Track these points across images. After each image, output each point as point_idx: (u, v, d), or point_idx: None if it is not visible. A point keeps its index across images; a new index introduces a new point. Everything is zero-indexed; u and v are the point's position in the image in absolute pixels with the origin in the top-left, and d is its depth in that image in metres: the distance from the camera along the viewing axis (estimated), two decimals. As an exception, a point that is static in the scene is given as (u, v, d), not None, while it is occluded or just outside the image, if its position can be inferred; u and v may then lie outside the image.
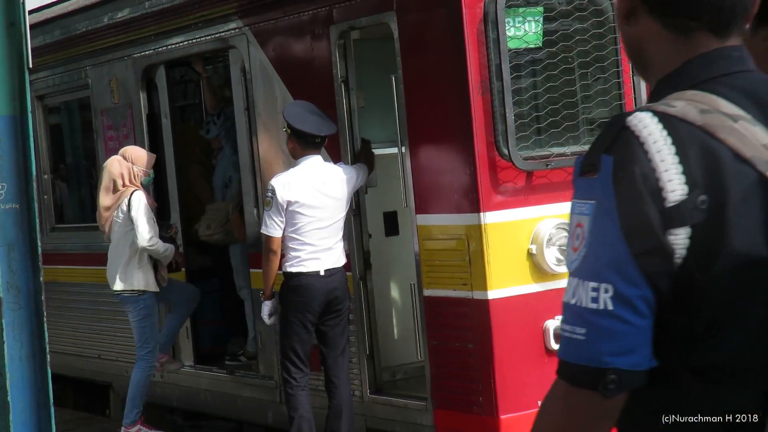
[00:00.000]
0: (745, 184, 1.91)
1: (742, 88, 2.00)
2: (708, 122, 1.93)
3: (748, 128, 1.94)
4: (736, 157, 1.91)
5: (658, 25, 2.06)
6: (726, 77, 2.01)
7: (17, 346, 5.11)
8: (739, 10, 2.04)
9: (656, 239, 1.88)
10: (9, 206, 5.11)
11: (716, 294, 1.91)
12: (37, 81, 10.53)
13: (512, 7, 6.55)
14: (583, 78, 6.86)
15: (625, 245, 1.88)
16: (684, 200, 1.89)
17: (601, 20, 6.79)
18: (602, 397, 1.90)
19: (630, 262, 1.88)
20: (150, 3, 9.12)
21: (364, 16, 7.20)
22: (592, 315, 1.89)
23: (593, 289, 1.90)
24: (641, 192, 1.89)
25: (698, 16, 2.02)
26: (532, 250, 6.53)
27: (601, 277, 1.90)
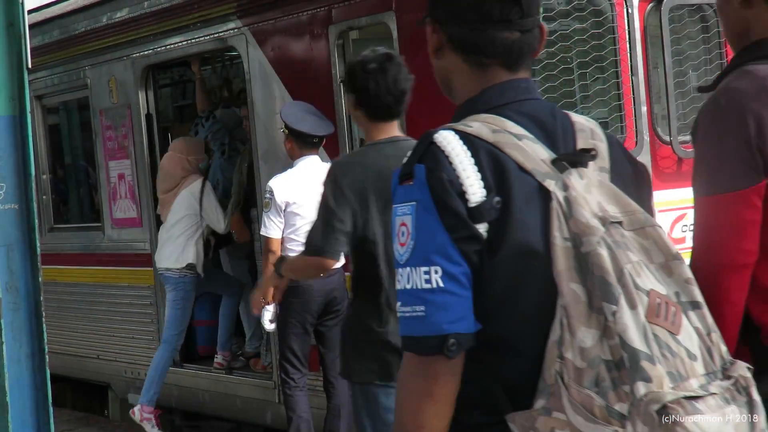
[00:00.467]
0: (526, 190, 2.32)
1: (527, 113, 2.43)
2: (498, 140, 2.35)
3: (530, 145, 2.36)
4: (520, 169, 2.33)
5: (460, 60, 2.51)
6: (514, 104, 2.44)
7: (16, 347, 5.11)
8: (526, 50, 2.48)
9: (469, 227, 2.28)
10: (8, 206, 5.11)
11: (500, 277, 2.30)
12: (36, 81, 10.53)
13: (511, 7, 6.55)
14: (582, 78, 6.86)
15: (446, 234, 2.27)
16: (483, 201, 2.29)
17: (600, 20, 6.79)
18: (447, 358, 2.27)
19: (452, 246, 2.27)
20: (149, 3, 9.12)
21: (363, 16, 7.20)
22: (427, 293, 2.27)
23: (425, 272, 2.28)
24: (450, 192, 2.29)
25: (492, 55, 2.47)
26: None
27: (430, 261, 2.27)
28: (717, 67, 7.25)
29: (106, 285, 9.98)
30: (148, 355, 9.10)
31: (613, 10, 6.81)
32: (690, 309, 2.31)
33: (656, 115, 7.09)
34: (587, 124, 2.53)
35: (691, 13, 7.23)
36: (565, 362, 2.22)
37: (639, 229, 2.32)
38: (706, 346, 2.30)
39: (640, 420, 2.14)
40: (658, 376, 2.17)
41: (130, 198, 9.44)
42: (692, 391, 2.19)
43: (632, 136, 6.88)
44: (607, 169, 2.44)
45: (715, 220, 2.73)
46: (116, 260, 9.81)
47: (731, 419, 2.20)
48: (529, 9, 2.47)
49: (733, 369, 2.30)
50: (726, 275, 2.70)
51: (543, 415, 2.24)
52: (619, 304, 2.20)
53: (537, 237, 2.30)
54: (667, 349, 2.22)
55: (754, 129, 2.67)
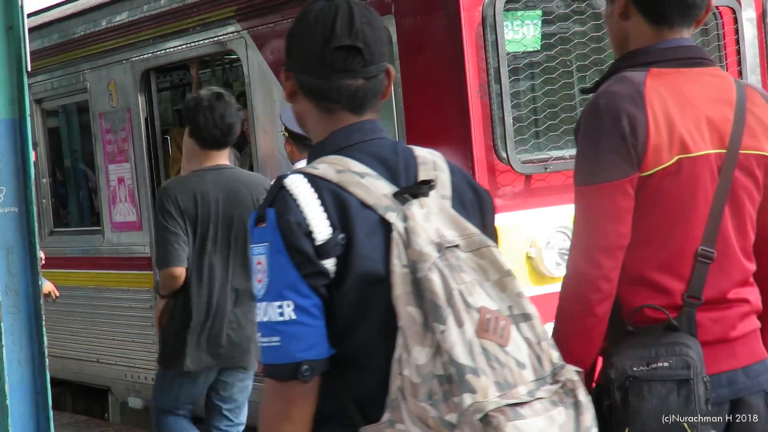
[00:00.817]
0: (368, 224, 2.56)
1: (371, 152, 2.68)
2: (342, 179, 2.60)
3: (372, 182, 2.61)
4: (362, 205, 2.58)
5: (311, 105, 2.75)
6: (359, 144, 2.68)
7: (16, 350, 5.11)
8: (370, 95, 2.72)
9: (316, 264, 2.54)
10: (8, 209, 5.11)
11: (347, 304, 2.56)
12: (36, 84, 10.53)
13: (510, 10, 6.55)
14: (582, 81, 6.86)
15: (296, 271, 2.53)
16: (328, 239, 2.54)
17: (600, 23, 6.79)
18: (302, 383, 2.54)
19: (302, 282, 2.53)
20: (148, 6, 9.13)
21: (362, 19, 7.20)
22: (281, 325, 2.52)
23: (278, 306, 2.52)
24: (298, 234, 2.53)
25: (337, 101, 2.71)
26: (531, 254, 6.53)
27: (283, 296, 2.52)
28: (716, 69, 7.26)
29: (106, 288, 9.97)
30: (148, 358, 9.09)
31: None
32: (522, 321, 2.54)
33: (656, 117, 7.10)
34: (430, 156, 2.76)
35: (691, 15, 7.24)
36: (403, 378, 2.44)
37: (475, 250, 2.56)
38: (536, 354, 2.52)
39: (467, 428, 2.36)
40: (483, 387, 2.40)
41: (129, 201, 9.44)
42: (518, 397, 2.42)
43: (632, 138, 6.88)
44: (448, 196, 2.69)
45: (595, 207, 3.02)
46: (116, 264, 9.80)
47: (557, 420, 2.44)
48: (371, 58, 2.70)
49: (562, 373, 2.53)
50: (604, 255, 2.99)
51: (389, 427, 2.46)
52: (447, 324, 2.43)
53: (379, 266, 2.55)
54: (496, 360, 2.45)
55: (628, 128, 2.99)
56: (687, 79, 3.11)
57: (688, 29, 3.19)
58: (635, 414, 2.94)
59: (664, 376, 2.93)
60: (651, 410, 2.93)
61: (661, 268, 3.05)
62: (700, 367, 2.94)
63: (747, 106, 3.13)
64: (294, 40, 2.77)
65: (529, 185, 6.58)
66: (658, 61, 3.13)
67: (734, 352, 3.08)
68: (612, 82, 3.12)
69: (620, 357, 2.98)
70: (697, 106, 3.07)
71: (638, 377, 2.95)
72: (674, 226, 3.04)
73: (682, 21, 3.16)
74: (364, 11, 2.73)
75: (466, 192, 2.77)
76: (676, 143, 3.01)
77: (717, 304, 3.07)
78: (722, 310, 3.08)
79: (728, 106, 3.11)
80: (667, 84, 3.07)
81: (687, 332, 3.01)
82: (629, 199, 3.01)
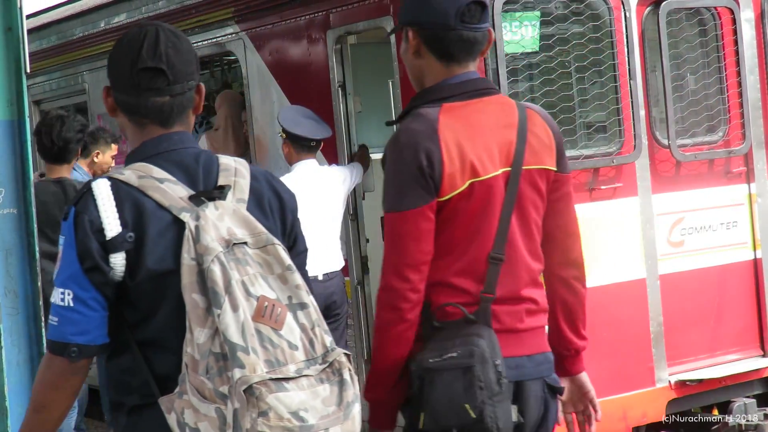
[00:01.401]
0: (161, 224, 2.95)
1: (174, 160, 3.06)
2: (142, 184, 2.99)
3: (170, 187, 2.99)
4: (158, 206, 2.96)
5: (126, 118, 3.14)
6: (165, 153, 3.06)
7: (15, 351, 5.11)
8: (176, 110, 3.10)
9: (96, 261, 2.93)
10: (6, 211, 5.11)
11: (142, 294, 2.96)
12: (34, 86, 10.53)
13: (509, 11, 6.55)
14: (581, 82, 6.86)
15: (79, 265, 2.93)
16: (117, 235, 2.93)
17: (598, 24, 6.79)
18: (69, 361, 2.96)
19: (82, 276, 2.94)
20: (147, 8, 9.12)
21: (361, 20, 7.20)
22: (61, 309, 2.95)
23: (61, 293, 2.95)
24: (87, 231, 2.94)
25: (146, 116, 3.10)
26: (529, 254, 6.53)
27: (66, 285, 2.95)
28: (715, 70, 7.26)
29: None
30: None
31: (610, 14, 6.81)
32: (299, 309, 2.92)
33: (654, 118, 7.10)
34: (233, 164, 3.13)
35: (689, 16, 7.24)
36: (188, 355, 2.83)
37: (262, 247, 2.94)
38: (309, 338, 2.90)
39: (236, 398, 2.75)
40: (252, 363, 2.77)
41: (128, 203, 9.42)
42: (286, 374, 2.80)
43: (630, 139, 6.88)
44: (244, 200, 3.06)
45: (401, 229, 3.49)
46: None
47: (321, 394, 2.83)
48: (175, 78, 3.08)
49: (331, 355, 2.91)
50: (411, 271, 3.48)
51: (178, 398, 2.85)
52: (223, 308, 2.81)
53: (169, 260, 2.93)
54: (269, 341, 2.83)
55: (426, 161, 3.44)
56: (475, 110, 3.57)
57: (474, 62, 3.62)
58: (428, 401, 3.42)
59: (452, 365, 3.40)
60: (440, 397, 3.40)
61: (462, 273, 3.52)
62: (489, 353, 3.41)
63: (528, 127, 3.60)
64: (110, 62, 3.16)
65: (527, 186, 6.57)
66: (448, 96, 3.56)
67: (522, 342, 3.58)
68: (411, 119, 3.55)
69: (423, 351, 3.47)
70: (485, 133, 3.53)
71: (431, 368, 3.42)
72: (470, 238, 3.52)
73: (467, 57, 3.59)
74: (171, 36, 3.11)
75: (267, 196, 3.14)
76: (468, 170, 3.48)
77: (509, 300, 3.56)
78: (513, 305, 3.57)
79: (512, 129, 3.57)
80: (457, 117, 3.52)
81: (483, 323, 3.49)
82: (430, 222, 3.48)
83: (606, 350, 6.75)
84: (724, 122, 7.28)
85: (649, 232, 6.98)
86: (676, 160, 7.07)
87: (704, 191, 7.21)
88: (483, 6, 3.58)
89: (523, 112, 3.62)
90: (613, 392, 6.77)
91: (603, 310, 6.76)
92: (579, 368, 3.93)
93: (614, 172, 6.88)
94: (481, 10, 3.58)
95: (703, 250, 7.17)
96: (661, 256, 7.02)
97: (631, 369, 6.86)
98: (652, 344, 6.93)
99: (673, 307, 7.03)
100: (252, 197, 3.09)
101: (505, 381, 3.42)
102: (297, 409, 2.78)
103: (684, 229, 7.13)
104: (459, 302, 3.51)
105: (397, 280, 3.48)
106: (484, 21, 3.60)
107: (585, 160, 6.74)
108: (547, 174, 3.63)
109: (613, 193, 6.87)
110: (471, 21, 3.56)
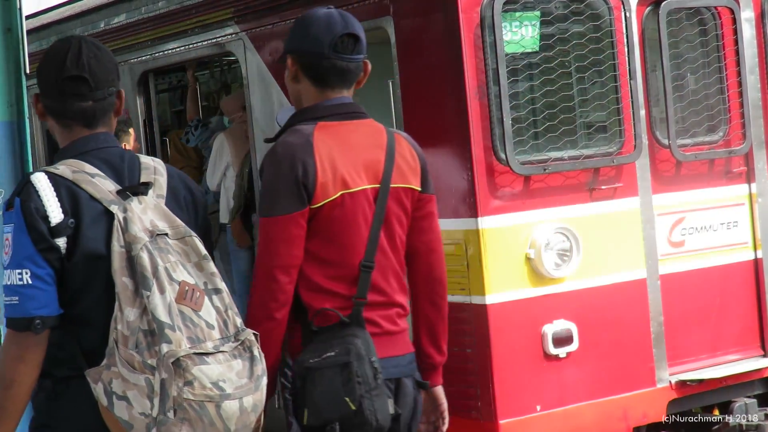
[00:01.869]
0: (94, 213, 3.31)
1: (102, 158, 3.44)
2: (76, 178, 3.35)
3: (101, 181, 3.37)
4: (91, 198, 3.33)
5: (54, 122, 3.53)
6: (94, 151, 3.44)
7: None
8: (99, 113, 3.49)
9: (49, 242, 3.28)
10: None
11: (77, 274, 3.30)
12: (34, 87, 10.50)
13: (509, 11, 6.55)
14: (581, 82, 6.86)
15: (33, 246, 3.27)
16: (60, 222, 3.29)
17: (598, 24, 6.79)
18: (34, 334, 3.27)
19: (37, 255, 3.27)
20: (147, 8, 9.12)
21: (360, 21, 7.18)
22: (20, 288, 3.27)
23: (18, 273, 3.27)
24: (36, 217, 3.28)
25: (72, 118, 3.48)
26: (530, 255, 6.52)
27: (22, 265, 3.27)
28: (715, 70, 7.26)
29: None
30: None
31: (611, 14, 6.81)
32: (213, 294, 3.31)
33: (655, 118, 7.09)
34: (152, 163, 3.51)
35: (689, 16, 7.24)
36: (118, 332, 3.19)
37: (180, 238, 3.33)
38: (223, 319, 3.30)
39: (163, 369, 3.12)
40: (178, 339, 3.16)
41: (128, 203, 9.42)
42: (205, 350, 3.20)
43: (631, 139, 6.88)
44: (163, 195, 3.44)
45: (274, 234, 3.81)
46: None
47: (235, 368, 3.23)
48: (97, 84, 3.46)
49: (242, 335, 3.31)
50: (281, 272, 3.80)
51: (106, 369, 3.20)
52: (152, 291, 3.20)
53: (101, 246, 3.29)
54: (190, 321, 3.22)
55: (301, 171, 3.79)
56: (348, 130, 3.93)
57: (348, 90, 4.03)
58: (310, 397, 3.77)
59: (330, 363, 3.73)
60: (321, 392, 3.74)
61: (336, 278, 3.86)
62: (365, 350, 3.74)
63: (396, 149, 3.97)
64: (38, 73, 3.53)
65: (528, 186, 6.57)
66: (324, 116, 3.93)
67: (396, 343, 3.95)
68: (287, 134, 3.90)
69: (303, 353, 3.80)
70: (356, 151, 3.89)
71: (312, 367, 3.75)
72: (343, 245, 3.86)
73: (341, 84, 4.00)
74: (93, 47, 3.49)
75: (182, 192, 3.53)
76: (339, 181, 3.83)
77: (381, 305, 3.91)
78: (385, 310, 3.93)
79: (381, 150, 3.94)
80: (331, 134, 3.88)
81: (356, 325, 3.82)
82: (301, 229, 3.81)
83: (606, 350, 6.75)
84: (725, 122, 7.27)
85: (650, 232, 6.97)
86: (676, 159, 7.07)
87: (705, 191, 7.21)
88: (356, 39, 4.01)
89: (391, 136, 4.01)
90: (614, 392, 6.77)
91: (603, 311, 6.75)
92: (436, 381, 4.18)
93: (614, 172, 6.88)
94: (354, 42, 4.01)
95: (703, 250, 7.16)
96: (662, 256, 7.02)
97: (631, 369, 6.85)
98: (653, 344, 6.92)
99: (674, 307, 7.03)
100: (169, 193, 3.48)
101: (381, 377, 3.76)
102: (217, 380, 3.18)
103: (684, 229, 7.12)
104: (334, 307, 3.83)
105: (267, 281, 3.81)
106: (358, 53, 4.01)
107: (585, 160, 6.73)
108: (412, 193, 4.00)
109: (614, 193, 6.87)
110: (344, 51, 3.97)
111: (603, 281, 6.78)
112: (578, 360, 6.64)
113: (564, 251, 6.59)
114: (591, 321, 6.71)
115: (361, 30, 4.08)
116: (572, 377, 6.63)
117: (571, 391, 6.62)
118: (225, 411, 3.18)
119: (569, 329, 6.60)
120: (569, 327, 6.60)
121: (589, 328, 6.69)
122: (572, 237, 6.61)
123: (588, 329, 6.68)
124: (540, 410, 6.53)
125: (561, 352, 6.57)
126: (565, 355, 6.60)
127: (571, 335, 6.60)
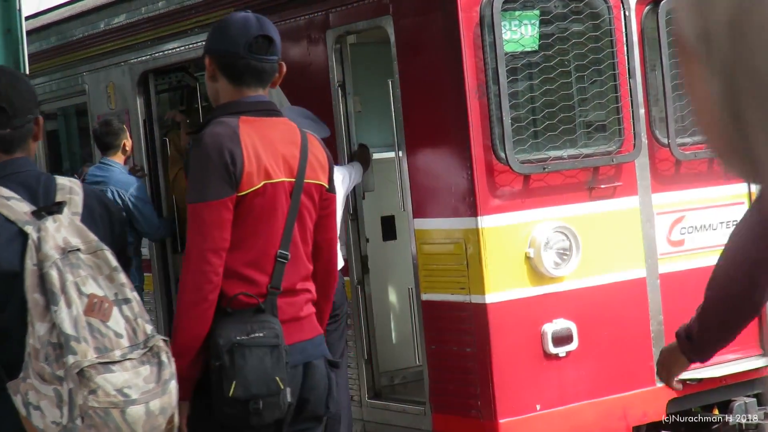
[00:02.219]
0: (9, 234, 3.46)
1: (18, 181, 3.58)
2: None
3: (16, 203, 3.51)
4: (6, 220, 3.47)
5: None
6: (11, 175, 3.58)
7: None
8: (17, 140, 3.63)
9: None
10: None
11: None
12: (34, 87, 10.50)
13: (508, 10, 6.55)
14: (580, 81, 6.87)
15: None
16: None
17: (598, 23, 6.79)
18: None
19: None
20: (147, 9, 9.12)
21: (360, 20, 7.20)
22: None
23: None
24: None
25: None
26: (529, 254, 6.53)
27: None
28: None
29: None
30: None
31: (610, 13, 6.81)
32: (123, 304, 3.46)
33: (654, 117, 7.10)
34: (68, 183, 3.66)
35: (689, 15, 7.23)
36: (30, 345, 3.34)
37: (93, 252, 3.47)
38: (132, 328, 3.45)
39: (70, 380, 3.28)
40: (83, 350, 3.31)
41: (128, 203, 9.43)
42: (112, 358, 3.36)
43: (630, 138, 6.88)
44: (78, 213, 3.58)
45: (206, 218, 3.95)
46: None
47: (142, 374, 3.39)
48: (15, 113, 3.61)
49: (152, 341, 3.47)
50: (213, 255, 3.94)
51: (22, 381, 3.35)
52: (59, 305, 3.34)
53: (15, 265, 3.42)
54: (98, 332, 3.37)
55: (229, 159, 3.94)
56: (267, 126, 4.12)
57: (263, 89, 4.21)
58: (241, 371, 3.87)
59: (261, 342, 3.90)
60: (252, 368, 3.87)
61: (252, 265, 4.01)
62: (281, 337, 3.94)
63: (309, 147, 4.17)
64: None
65: (527, 185, 6.58)
66: (246, 111, 4.11)
67: (303, 328, 4.12)
68: (213, 125, 4.05)
69: (225, 330, 3.93)
70: (275, 146, 4.08)
71: (242, 343, 3.89)
72: (260, 233, 4.02)
73: (257, 83, 4.17)
74: (11, 78, 3.72)
75: (97, 210, 3.69)
76: (262, 172, 4.00)
77: (290, 293, 4.08)
78: (293, 297, 4.10)
79: (296, 146, 4.14)
80: (254, 128, 4.07)
81: (270, 313, 4.00)
82: (229, 213, 3.96)
83: (606, 349, 6.76)
84: (724, 121, 7.27)
85: (649, 231, 6.98)
86: (675, 158, 7.07)
87: (704, 190, 7.21)
88: (270, 40, 4.17)
89: (304, 135, 4.22)
90: (614, 392, 6.77)
91: (603, 310, 6.76)
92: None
93: (614, 171, 6.88)
94: (269, 44, 4.17)
95: (703, 249, 7.17)
96: (661, 255, 7.02)
97: (631, 368, 6.86)
98: (653, 343, 6.93)
99: (674, 306, 7.03)
100: (85, 210, 3.63)
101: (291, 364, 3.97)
102: (122, 387, 3.35)
103: (684, 228, 7.13)
104: (249, 293, 4.00)
105: (201, 263, 3.94)
106: (272, 54, 4.20)
107: (585, 159, 6.74)
108: (321, 189, 4.20)
109: (613, 192, 6.88)
110: (258, 52, 4.15)
111: (603, 280, 6.79)
112: (578, 359, 6.65)
113: (563, 250, 6.60)
114: (591, 320, 6.72)
115: (275, 33, 4.25)
116: (572, 376, 6.64)
117: (571, 391, 6.63)
118: (130, 416, 3.35)
119: (569, 328, 6.60)
120: (569, 326, 6.61)
121: (588, 327, 6.70)
122: (572, 236, 6.62)
123: (588, 328, 6.69)
124: (540, 409, 6.54)
125: (561, 351, 6.58)
126: (565, 354, 6.60)
127: (570, 334, 6.60)
